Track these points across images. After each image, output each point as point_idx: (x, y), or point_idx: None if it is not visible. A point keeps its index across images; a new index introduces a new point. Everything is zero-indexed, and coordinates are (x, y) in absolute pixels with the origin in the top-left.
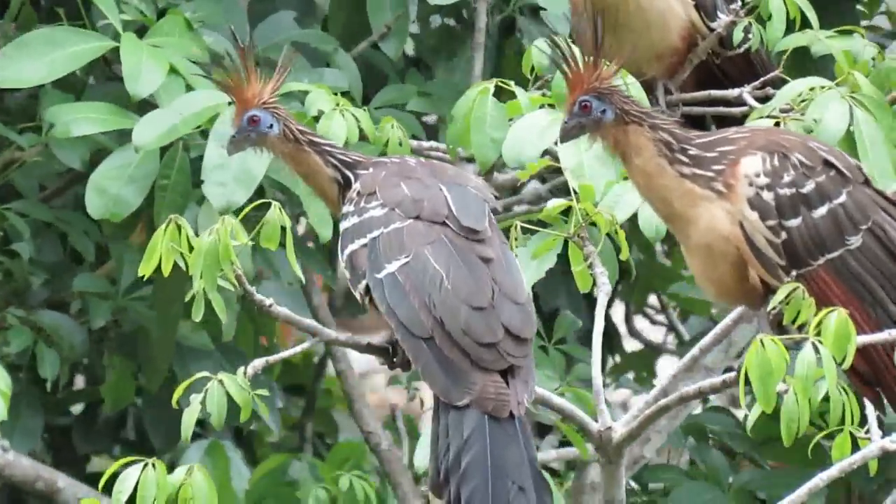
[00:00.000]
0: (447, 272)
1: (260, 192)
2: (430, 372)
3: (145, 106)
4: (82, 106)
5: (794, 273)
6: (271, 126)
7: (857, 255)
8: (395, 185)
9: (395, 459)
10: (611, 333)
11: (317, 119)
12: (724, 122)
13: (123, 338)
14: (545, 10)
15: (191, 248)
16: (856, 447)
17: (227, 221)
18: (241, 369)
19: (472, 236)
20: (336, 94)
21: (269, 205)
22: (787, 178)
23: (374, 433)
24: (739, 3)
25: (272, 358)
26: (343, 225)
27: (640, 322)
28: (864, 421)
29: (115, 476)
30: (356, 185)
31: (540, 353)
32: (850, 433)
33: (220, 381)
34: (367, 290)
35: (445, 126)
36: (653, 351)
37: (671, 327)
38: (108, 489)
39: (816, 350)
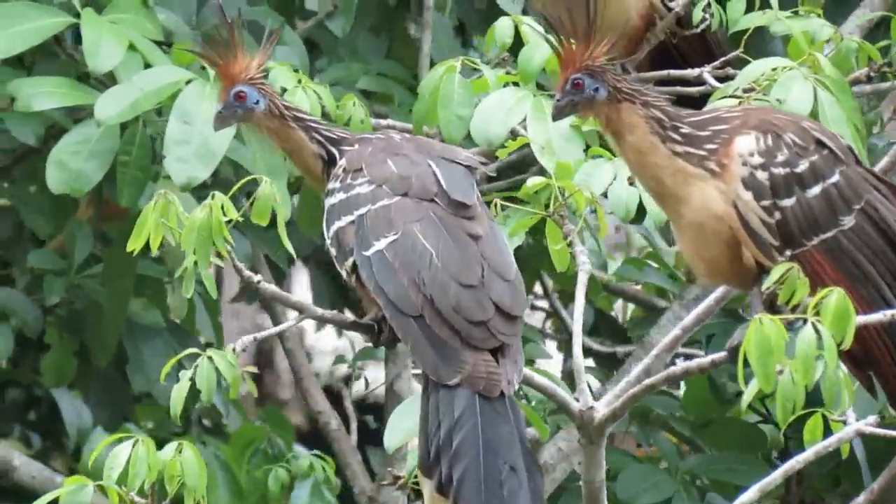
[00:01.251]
0: (436, 249)
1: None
2: (420, 350)
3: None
4: (42, 80)
5: (788, 253)
6: (257, 102)
7: (849, 235)
8: (382, 162)
9: (344, 439)
10: None
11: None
12: (681, 102)
13: (71, 314)
14: None
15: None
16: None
17: (218, 197)
18: (231, 346)
19: (461, 212)
20: (296, 70)
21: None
22: (780, 158)
23: (323, 412)
24: None
25: (260, 335)
26: (328, 201)
27: None
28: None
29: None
30: (342, 162)
31: None
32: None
33: (210, 358)
34: (354, 267)
35: (395, 105)
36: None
37: (551, 313)
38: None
39: (816, 330)
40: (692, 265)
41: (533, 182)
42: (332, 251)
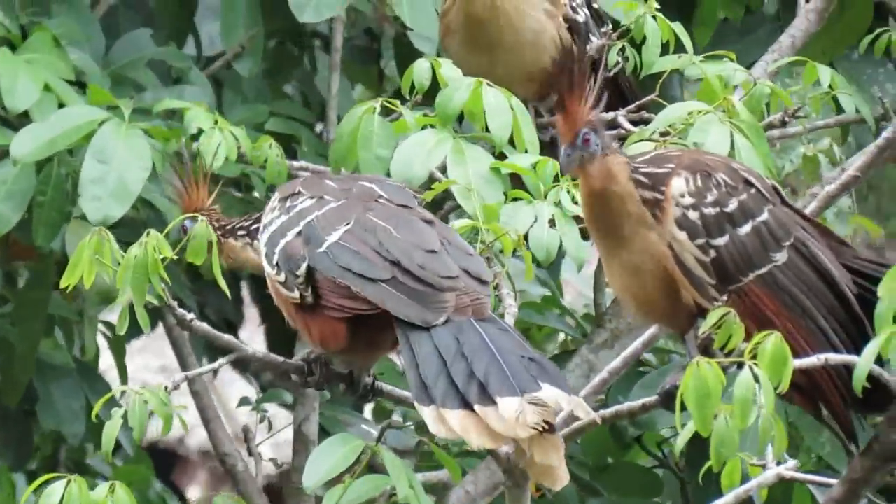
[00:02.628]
0: (394, 226)
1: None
2: (401, 306)
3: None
4: None
5: (726, 291)
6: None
7: (784, 270)
8: (317, 184)
9: (251, 480)
10: None
11: (195, 137)
12: None
13: None
14: (411, 30)
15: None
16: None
17: (153, 236)
18: (163, 384)
19: (407, 206)
20: (213, 111)
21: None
22: (710, 198)
23: (230, 454)
24: (610, 26)
25: (191, 373)
26: (266, 233)
27: None
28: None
29: None
30: (273, 196)
31: None
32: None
33: (141, 395)
34: (309, 274)
35: (301, 146)
36: None
37: None
38: None
39: (753, 374)
40: (623, 301)
41: (461, 224)
42: (281, 276)
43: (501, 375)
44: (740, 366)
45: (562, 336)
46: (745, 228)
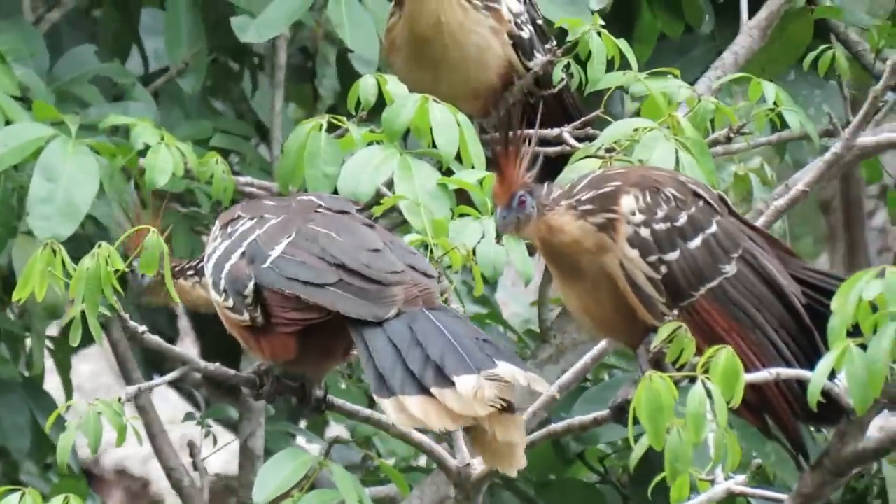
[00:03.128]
0: (336, 231)
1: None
2: (351, 306)
3: None
4: None
5: (677, 307)
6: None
7: (733, 283)
8: (256, 206)
9: (197, 494)
10: None
11: (142, 153)
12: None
13: None
14: (352, 52)
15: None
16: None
17: (105, 248)
18: (117, 395)
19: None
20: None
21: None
22: (660, 213)
23: (176, 469)
24: (554, 43)
25: (144, 385)
26: (210, 262)
27: None
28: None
29: None
30: (214, 225)
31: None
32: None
33: (96, 407)
34: (257, 292)
35: (245, 163)
36: None
37: None
38: None
39: (706, 388)
40: (578, 320)
41: (410, 238)
42: (229, 301)
43: (456, 356)
44: (692, 380)
45: None
46: (696, 242)
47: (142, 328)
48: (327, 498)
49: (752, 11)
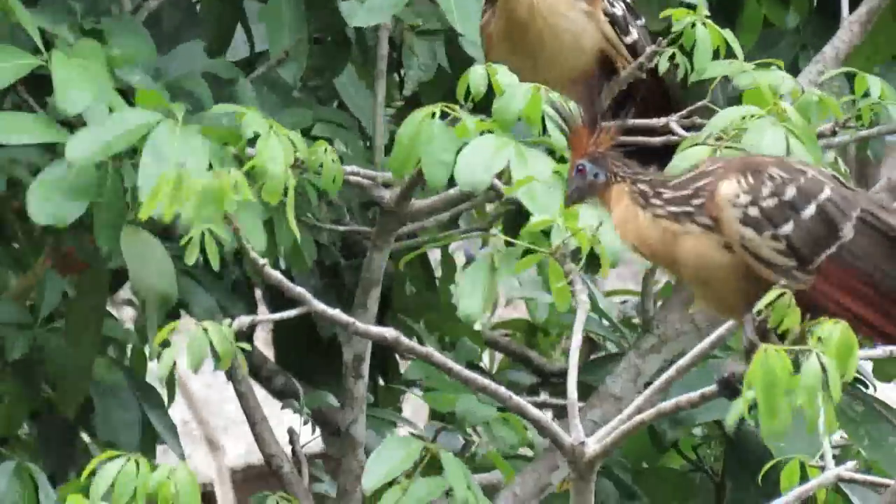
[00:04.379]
0: None
1: None
2: None
3: None
4: (15, 116)
5: (808, 269)
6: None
7: (856, 242)
8: None
9: (297, 482)
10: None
11: (252, 142)
12: (643, 152)
13: (29, 366)
14: (462, 35)
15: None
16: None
17: (234, 172)
18: (228, 321)
19: None
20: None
21: None
22: (766, 191)
23: (276, 456)
24: (643, 19)
25: (258, 318)
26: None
27: None
28: None
29: None
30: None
31: None
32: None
33: (205, 329)
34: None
35: (347, 152)
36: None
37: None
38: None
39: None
40: (707, 310)
41: (537, 221)
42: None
43: None
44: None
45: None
46: (810, 210)
47: (262, 260)
48: (437, 485)
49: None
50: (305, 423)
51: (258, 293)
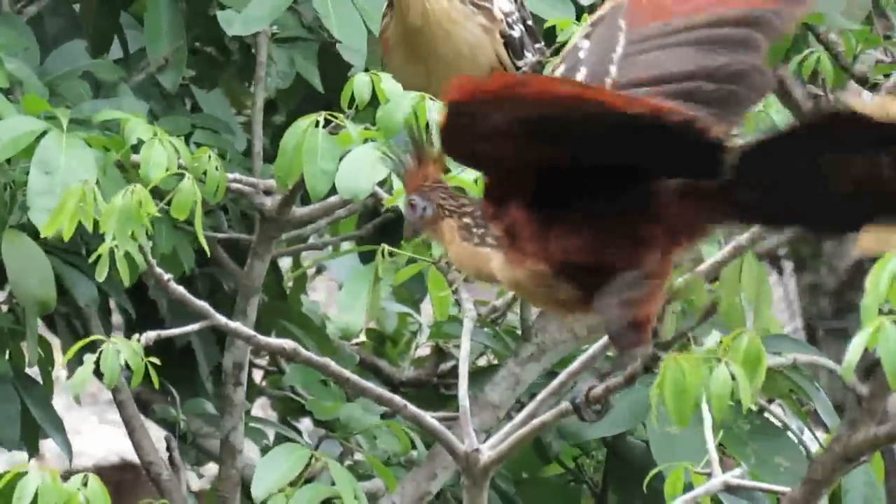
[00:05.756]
0: None
1: None
2: None
3: None
4: None
5: None
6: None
7: None
8: None
9: (176, 489)
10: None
11: (136, 149)
12: None
13: None
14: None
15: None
16: None
17: (139, 189)
18: (136, 336)
19: None
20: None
21: None
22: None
23: (154, 463)
24: (542, 43)
25: (164, 332)
26: None
27: None
28: None
29: None
30: None
31: None
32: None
33: (115, 345)
34: None
35: (226, 159)
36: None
37: None
38: None
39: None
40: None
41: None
42: None
43: None
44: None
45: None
46: None
47: (167, 276)
48: (320, 492)
49: None
50: (182, 432)
51: None
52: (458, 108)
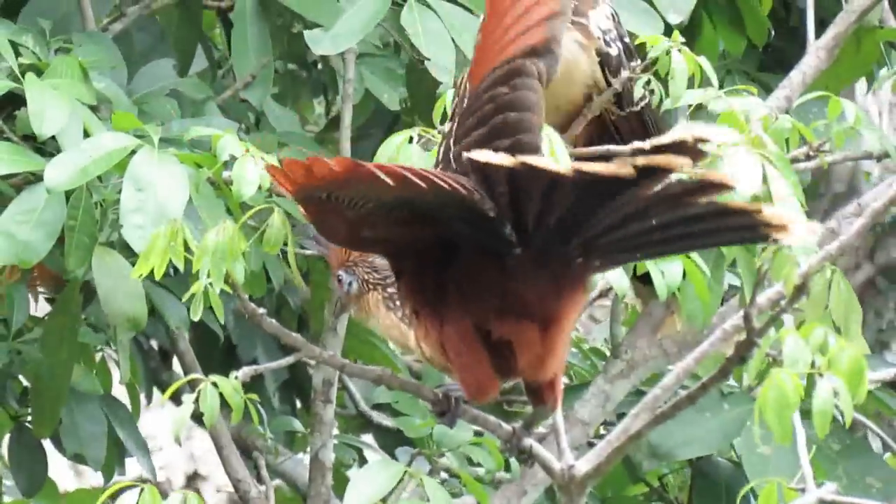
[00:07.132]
0: None
1: None
2: None
3: None
4: None
5: None
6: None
7: None
8: None
9: None
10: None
11: (227, 164)
12: None
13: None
14: (428, 59)
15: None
16: None
17: (230, 225)
18: (233, 373)
19: None
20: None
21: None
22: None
23: (243, 481)
24: (638, 61)
25: (260, 367)
26: None
27: None
28: None
29: None
30: None
31: None
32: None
33: (214, 384)
34: None
35: None
36: None
37: None
38: None
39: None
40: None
41: None
42: None
43: None
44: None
45: None
46: None
47: (261, 310)
48: None
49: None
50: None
51: None
52: (304, 196)
